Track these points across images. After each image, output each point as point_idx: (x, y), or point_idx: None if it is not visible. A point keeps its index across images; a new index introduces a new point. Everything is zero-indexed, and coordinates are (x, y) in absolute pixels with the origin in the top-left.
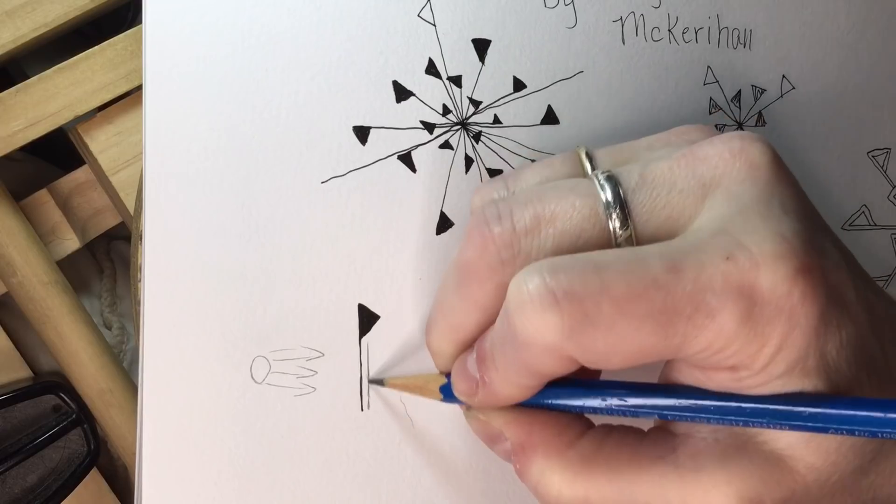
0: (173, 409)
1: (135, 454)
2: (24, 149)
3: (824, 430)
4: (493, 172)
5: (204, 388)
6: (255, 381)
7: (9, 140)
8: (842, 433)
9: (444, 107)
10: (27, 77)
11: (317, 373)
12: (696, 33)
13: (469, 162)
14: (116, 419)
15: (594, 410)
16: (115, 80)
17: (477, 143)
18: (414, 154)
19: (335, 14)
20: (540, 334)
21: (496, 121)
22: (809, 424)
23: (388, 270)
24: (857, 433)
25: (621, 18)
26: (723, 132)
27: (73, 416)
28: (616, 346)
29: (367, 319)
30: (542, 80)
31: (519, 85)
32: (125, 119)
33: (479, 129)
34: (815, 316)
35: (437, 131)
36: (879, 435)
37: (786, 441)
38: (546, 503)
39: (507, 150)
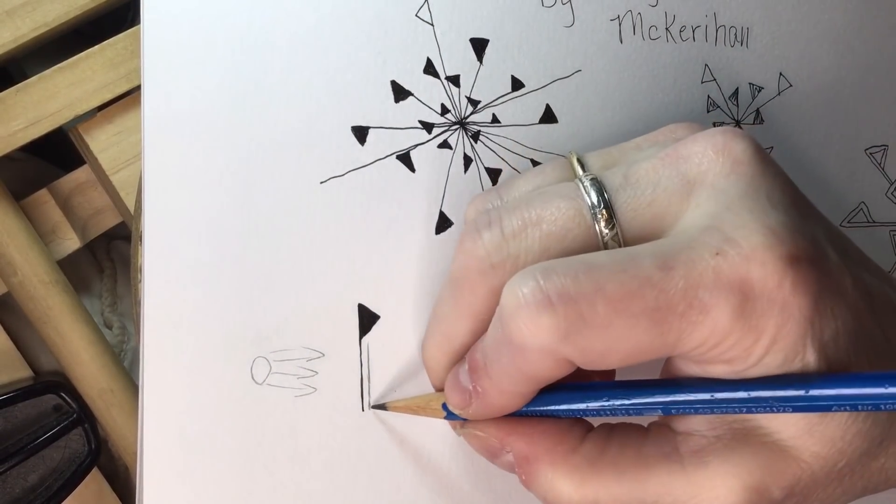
0: (174, 410)
1: (135, 454)
2: (24, 148)
3: (827, 409)
4: (492, 172)
5: (204, 388)
6: (256, 382)
7: (9, 140)
8: (844, 409)
9: (443, 106)
10: (27, 77)
11: (317, 373)
12: (693, 31)
13: (468, 161)
14: (117, 419)
15: (596, 413)
16: (115, 79)
17: (475, 142)
18: (413, 154)
19: (333, 14)
20: (535, 337)
21: (494, 120)
22: (813, 404)
23: (387, 270)
24: (859, 408)
25: (619, 17)
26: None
27: (74, 415)
28: (612, 345)
29: (367, 319)
30: (540, 80)
31: (517, 84)
32: (125, 118)
33: (478, 128)
34: (808, 306)
35: (435, 131)
36: (882, 407)
37: (788, 432)
38: None
39: (506, 150)
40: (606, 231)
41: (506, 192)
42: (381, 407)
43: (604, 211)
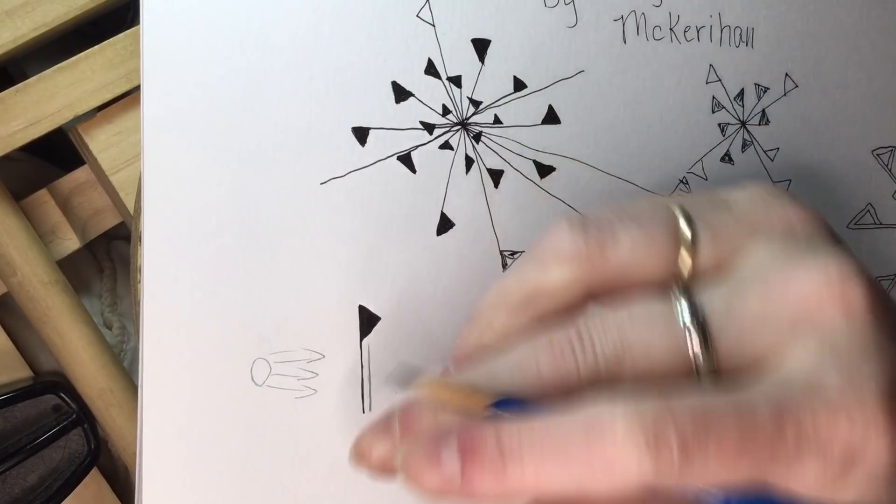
0: (173, 411)
1: (135, 454)
2: (24, 148)
3: None
4: (494, 173)
5: (204, 390)
6: (256, 383)
7: (9, 140)
8: None
9: (444, 107)
10: (27, 77)
11: (318, 375)
12: (697, 31)
13: (469, 162)
14: (117, 419)
15: None
16: (114, 79)
17: (477, 143)
18: (414, 155)
19: (333, 14)
20: (641, 473)
21: (496, 121)
22: None
23: (388, 272)
24: None
25: (622, 17)
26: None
27: (74, 415)
28: (704, 479)
29: (367, 321)
30: (542, 80)
31: (519, 85)
32: (125, 119)
33: (480, 129)
34: None
35: (436, 132)
36: None
37: None
38: None
39: (508, 150)
40: (703, 364)
41: (599, 233)
42: (405, 383)
43: (704, 348)
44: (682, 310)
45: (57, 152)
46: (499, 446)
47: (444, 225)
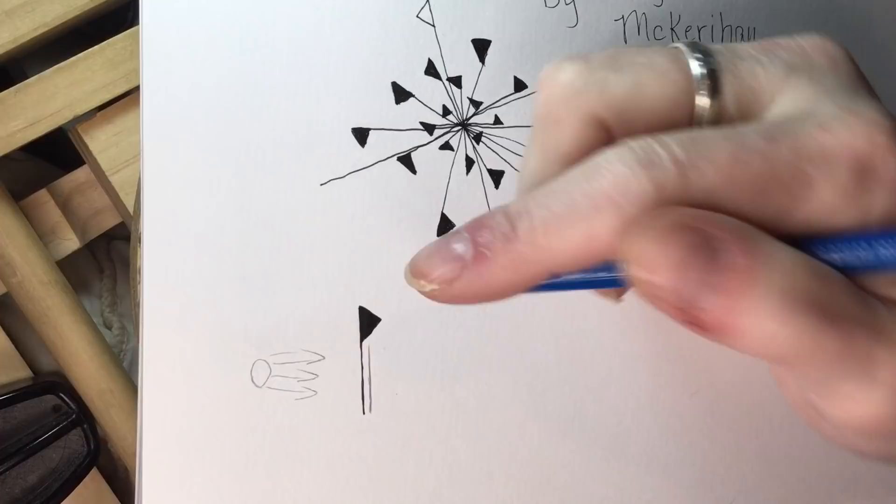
0: (173, 411)
1: (135, 454)
2: (23, 148)
3: None
4: (495, 173)
5: (204, 391)
6: (256, 385)
7: (8, 140)
8: None
9: (444, 108)
10: (27, 77)
11: (318, 376)
12: (698, 31)
13: (470, 163)
14: (116, 419)
15: None
16: (114, 79)
17: (478, 143)
18: (414, 155)
19: (333, 15)
20: (641, 190)
21: (497, 121)
22: None
23: (388, 273)
24: None
25: (623, 17)
26: None
27: (73, 416)
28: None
29: (368, 322)
30: None
31: (520, 85)
32: (125, 119)
33: (480, 129)
34: None
35: (437, 132)
36: None
37: None
38: None
39: (509, 151)
40: (705, 97)
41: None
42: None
43: (705, 67)
44: (685, 43)
45: (57, 152)
46: (506, 215)
47: (445, 226)
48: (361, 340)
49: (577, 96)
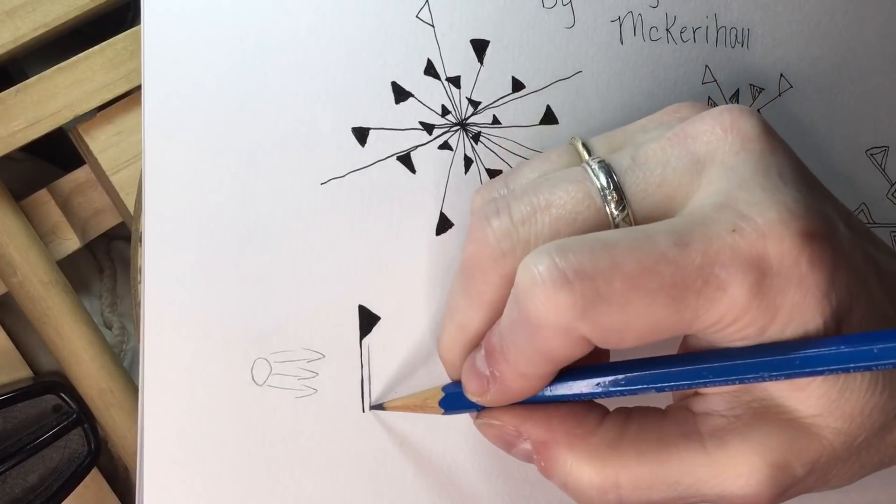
0: (174, 411)
1: (135, 454)
2: (24, 148)
3: (820, 373)
4: (493, 173)
5: (204, 389)
6: (256, 383)
7: (9, 140)
8: (836, 373)
9: (443, 107)
10: (27, 77)
11: (318, 374)
12: (694, 32)
13: (468, 162)
14: (117, 419)
15: (602, 394)
16: (115, 79)
17: (476, 143)
18: (413, 155)
19: (334, 15)
20: (553, 315)
21: (495, 121)
22: (806, 370)
23: (388, 271)
24: (851, 370)
25: (619, 18)
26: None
27: (74, 415)
28: (629, 322)
29: (367, 320)
30: (540, 81)
31: (518, 85)
32: (125, 119)
33: (479, 129)
34: (824, 281)
35: (436, 132)
36: (874, 368)
37: (808, 409)
38: (577, 494)
39: (507, 151)
40: (617, 213)
41: (512, 181)
42: (380, 407)
43: (614, 193)
44: (591, 166)
45: (57, 152)
46: (496, 339)
47: (444, 225)
48: (361, 339)
49: (502, 258)
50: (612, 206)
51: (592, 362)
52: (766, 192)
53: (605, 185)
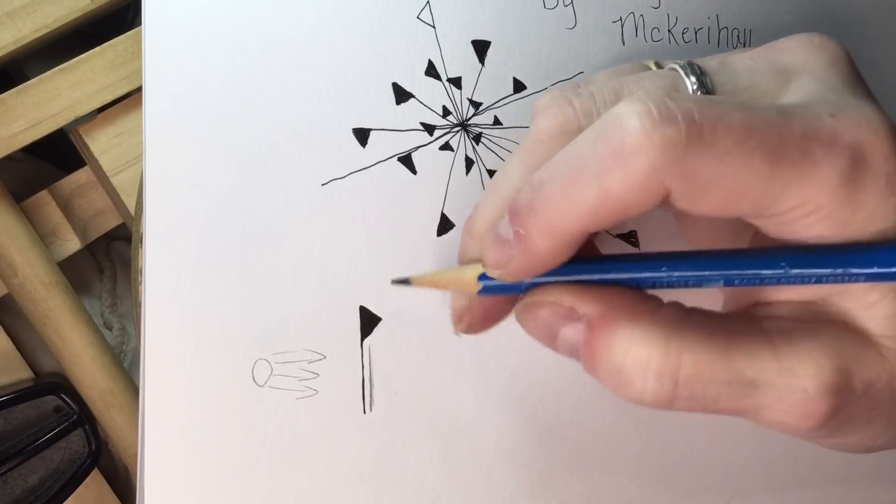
0: (174, 412)
1: (136, 455)
2: (25, 150)
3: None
4: (494, 174)
5: (205, 390)
6: (257, 384)
7: (10, 141)
8: None
9: (444, 108)
10: (28, 78)
11: (319, 375)
12: (695, 33)
13: (469, 163)
14: (117, 420)
15: (684, 281)
16: (115, 81)
17: (477, 144)
18: (414, 156)
19: (334, 16)
20: (654, 147)
21: (496, 122)
22: (893, 270)
23: (388, 272)
24: None
25: (621, 19)
26: None
27: (75, 416)
28: (720, 177)
29: (368, 321)
30: (542, 81)
31: (519, 86)
32: (126, 120)
33: (480, 130)
34: None
35: (437, 133)
36: None
37: (876, 329)
38: (630, 381)
39: (508, 152)
40: None
41: (585, 85)
42: (404, 282)
43: (703, 91)
44: (677, 63)
45: (58, 154)
46: (531, 187)
47: (445, 226)
48: (362, 340)
49: (579, 133)
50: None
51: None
52: (854, 97)
53: (696, 82)
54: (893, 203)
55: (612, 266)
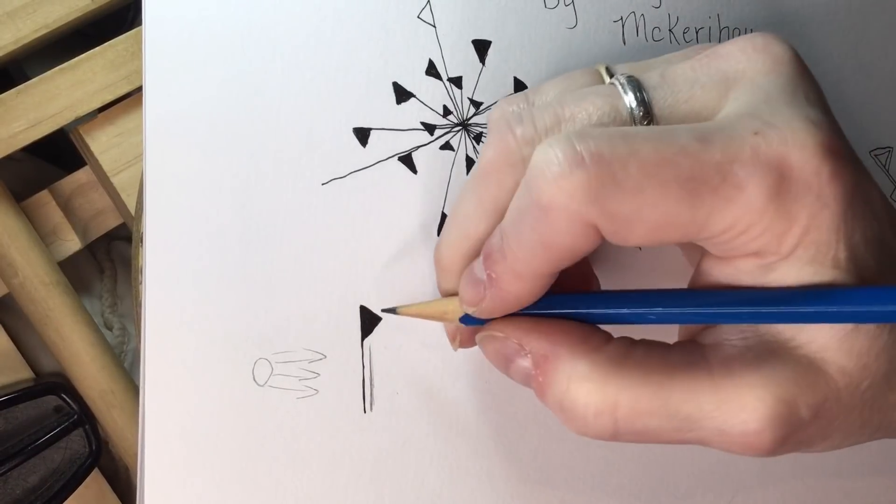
0: (175, 411)
1: (136, 455)
2: (25, 149)
3: (858, 320)
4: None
5: (205, 390)
6: (258, 384)
7: (10, 141)
8: (874, 321)
9: (445, 108)
10: (28, 78)
11: (319, 375)
12: (696, 33)
13: (470, 163)
14: (118, 420)
15: (624, 318)
16: (116, 80)
17: (478, 144)
18: (415, 155)
19: (335, 15)
20: (565, 196)
21: None
22: (818, 321)
23: (389, 272)
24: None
25: (622, 18)
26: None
27: (75, 416)
28: (641, 212)
29: (368, 321)
30: (542, 81)
31: (520, 85)
32: (126, 120)
33: (480, 129)
34: (843, 198)
35: (437, 132)
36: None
37: (818, 344)
38: (572, 416)
39: None
40: (639, 118)
41: (532, 96)
42: (392, 311)
43: (641, 108)
44: (620, 81)
45: (58, 153)
46: (499, 234)
47: None
48: (362, 339)
49: (522, 164)
50: (639, 122)
51: (580, 286)
52: (791, 108)
53: (634, 100)
54: (828, 215)
55: (565, 301)
